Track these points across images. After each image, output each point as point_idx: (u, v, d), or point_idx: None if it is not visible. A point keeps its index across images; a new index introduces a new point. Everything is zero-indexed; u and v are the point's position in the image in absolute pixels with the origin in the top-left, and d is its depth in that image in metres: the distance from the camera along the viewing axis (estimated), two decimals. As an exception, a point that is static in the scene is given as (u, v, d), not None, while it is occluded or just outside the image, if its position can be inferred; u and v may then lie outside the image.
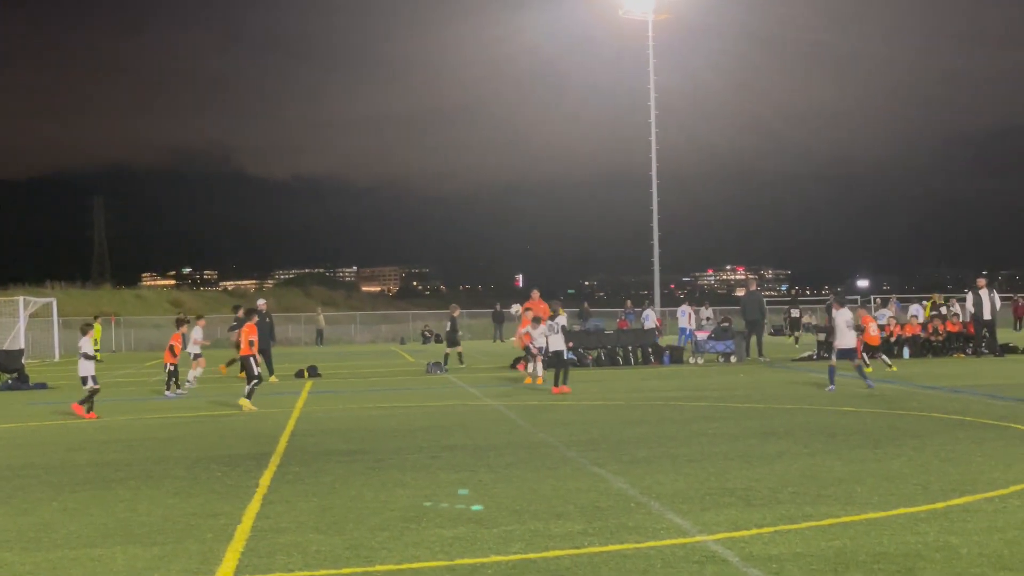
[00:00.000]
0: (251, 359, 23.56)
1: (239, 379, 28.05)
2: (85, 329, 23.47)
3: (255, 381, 23.37)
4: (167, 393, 27.38)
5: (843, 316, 24.49)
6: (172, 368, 27.77)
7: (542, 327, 27.83)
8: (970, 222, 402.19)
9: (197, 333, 30.28)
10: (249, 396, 23.07)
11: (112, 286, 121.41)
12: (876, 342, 31.03)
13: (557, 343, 26.35)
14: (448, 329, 39.18)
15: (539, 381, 27.78)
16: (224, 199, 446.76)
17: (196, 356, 29.86)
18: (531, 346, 28.25)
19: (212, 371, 33.55)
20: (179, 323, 29.96)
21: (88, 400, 22.21)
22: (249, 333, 23.81)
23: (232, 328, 25.32)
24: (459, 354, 37.61)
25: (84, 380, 22.55)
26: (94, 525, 10.55)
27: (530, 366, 29.10)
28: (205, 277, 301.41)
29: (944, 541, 8.82)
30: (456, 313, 40.76)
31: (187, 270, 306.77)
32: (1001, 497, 10.70)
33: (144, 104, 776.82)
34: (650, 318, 51.69)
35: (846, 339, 24.28)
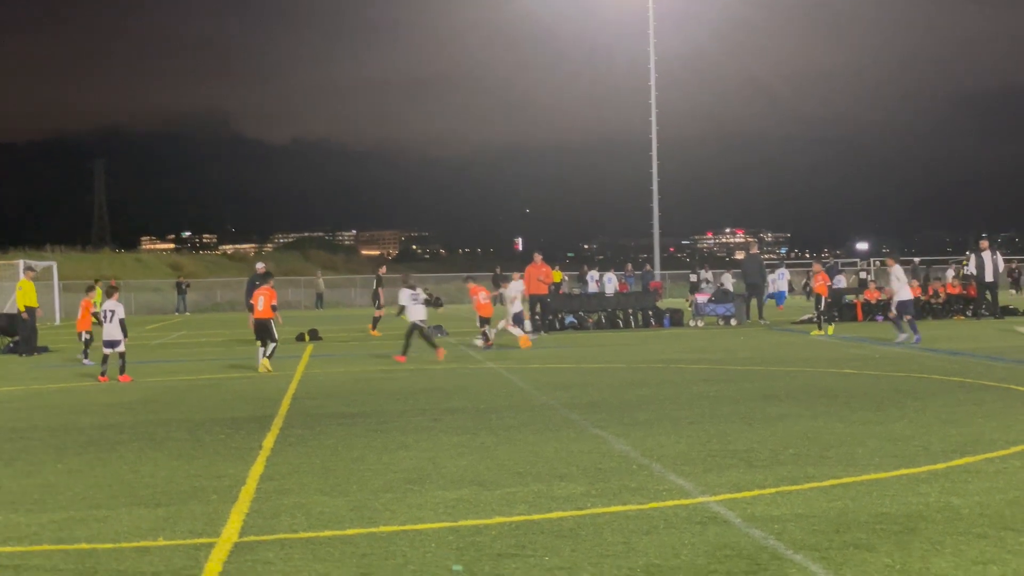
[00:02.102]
0: (270, 321, 23.56)
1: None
2: (111, 291, 23.08)
3: (274, 344, 23.45)
4: (86, 361, 26.93)
5: (896, 271, 26.17)
6: (88, 336, 27.21)
7: (512, 290, 28.09)
8: (971, 184, 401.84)
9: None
10: (270, 357, 23.17)
11: (112, 250, 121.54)
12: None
13: (418, 313, 25.95)
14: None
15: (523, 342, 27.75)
16: (223, 163, 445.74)
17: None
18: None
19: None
20: (88, 289, 29.43)
21: (122, 363, 22.39)
22: (269, 296, 23.81)
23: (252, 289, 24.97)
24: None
25: (115, 344, 22.34)
26: (98, 487, 10.58)
27: (491, 332, 28.91)
28: (204, 241, 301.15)
29: (945, 502, 8.86)
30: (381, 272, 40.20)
31: (186, 234, 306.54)
32: (1002, 458, 10.74)
33: (144, 68, 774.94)
34: (612, 282, 51.85)
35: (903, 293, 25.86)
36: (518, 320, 29.07)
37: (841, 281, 45.52)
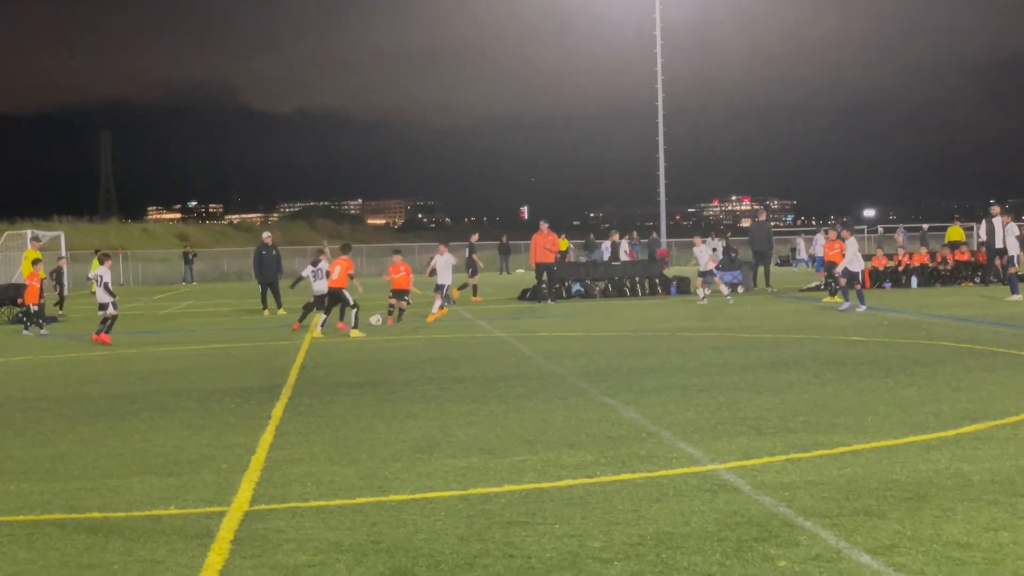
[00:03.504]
0: (343, 290, 24.53)
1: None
2: (103, 259, 24.27)
3: (356, 308, 24.31)
4: (25, 332, 27.09)
5: (850, 244, 26.63)
6: (37, 307, 27.34)
7: (442, 259, 28.00)
8: (977, 151, 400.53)
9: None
10: (356, 324, 24.07)
11: (119, 220, 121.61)
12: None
13: (320, 288, 25.74)
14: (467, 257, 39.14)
15: (430, 319, 26.91)
16: (229, 133, 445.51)
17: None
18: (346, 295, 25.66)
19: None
20: (35, 262, 29.08)
21: (107, 326, 23.46)
22: (346, 266, 24.91)
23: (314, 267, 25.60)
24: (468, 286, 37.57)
25: (104, 306, 23.66)
26: (110, 456, 10.61)
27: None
28: (211, 210, 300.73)
29: (956, 468, 8.86)
30: (474, 239, 40.41)
31: (193, 203, 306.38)
32: (1012, 424, 10.74)
33: (150, 39, 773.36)
34: (607, 251, 51.76)
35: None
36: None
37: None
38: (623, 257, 48.90)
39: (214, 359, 19.90)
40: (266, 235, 35.18)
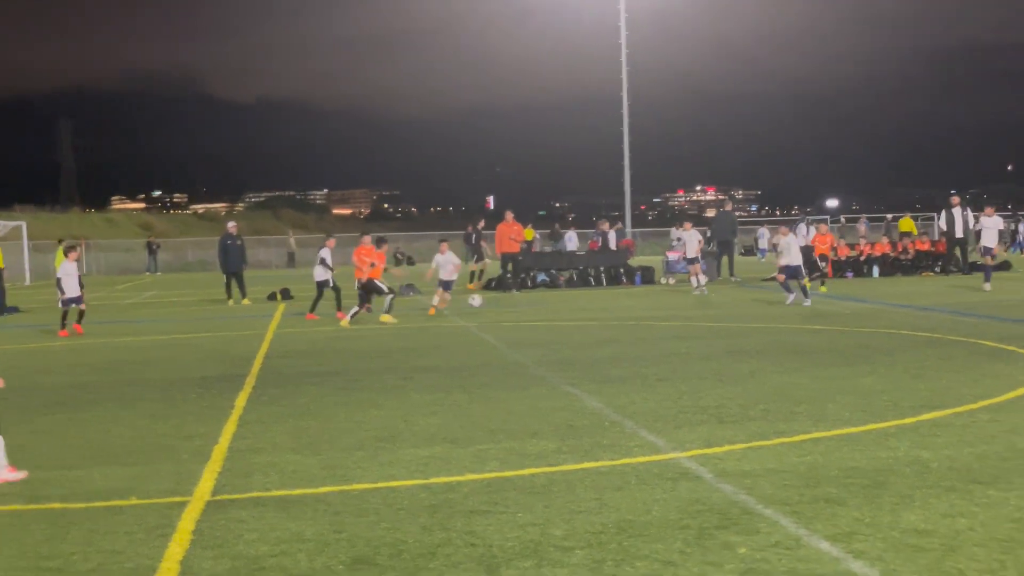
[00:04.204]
0: (374, 281, 24.57)
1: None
2: (68, 251, 24.44)
3: (391, 295, 24.44)
4: None
5: (789, 240, 26.25)
6: None
7: (443, 258, 27.20)
8: (939, 140, 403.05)
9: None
10: (389, 310, 24.16)
11: (81, 209, 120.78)
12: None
13: (321, 274, 26.53)
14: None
15: (431, 312, 26.52)
16: (192, 122, 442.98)
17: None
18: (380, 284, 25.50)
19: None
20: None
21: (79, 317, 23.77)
22: (379, 258, 25.02)
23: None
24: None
25: (78, 300, 23.96)
26: (69, 447, 10.56)
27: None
28: (175, 200, 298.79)
29: (914, 455, 8.93)
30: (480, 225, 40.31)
31: (157, 193, 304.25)
32: (970, 412, 10.83)
33: (109, 26, 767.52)
34: (572, 240, 51.80)
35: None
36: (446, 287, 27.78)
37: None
38: (612, 247, 48.94)
39: (177, 349, 19.82)
40: (231, 225, 35.03)
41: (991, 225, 30.13)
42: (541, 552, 6.67)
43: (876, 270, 38.08)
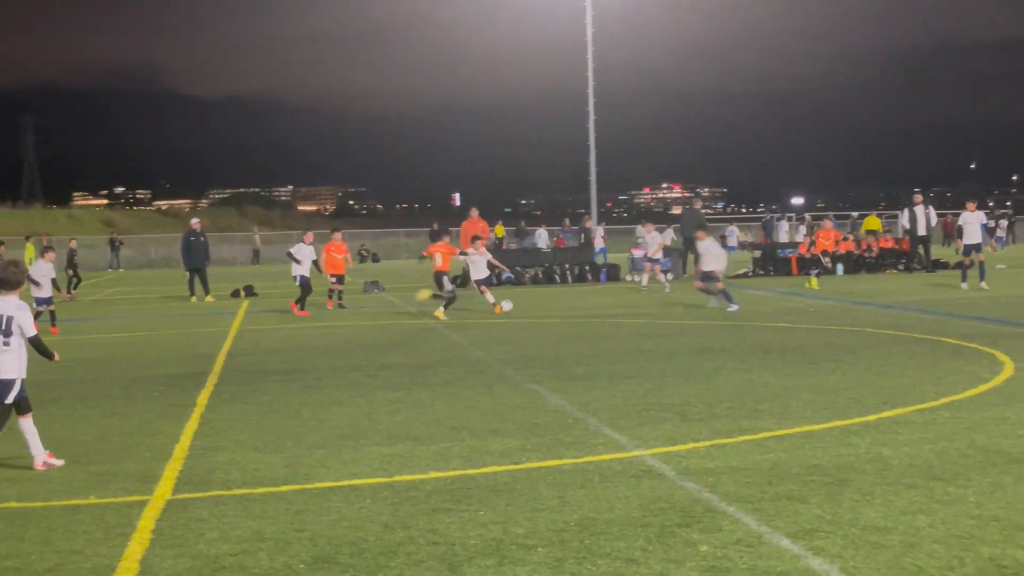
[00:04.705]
0: (444, 275, 24.62)
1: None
2: (45, 251, 24.14)
3: (448, 295, 24.35)
4: None
5: (708, 244, 25.03)
6: None
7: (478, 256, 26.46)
8: (903, 140, 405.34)
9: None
10: (446, 307, 24.05)
11: (43, 206, 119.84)
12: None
13: (301, 271, 26.20)
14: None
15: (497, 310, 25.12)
16: (156, 118, 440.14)
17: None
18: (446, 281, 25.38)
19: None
20: None
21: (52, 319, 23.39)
22: (448, 250, 25.39)
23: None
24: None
25: (49, 300, 23.61)
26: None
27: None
28: (138, 196, 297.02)
29: (876, 453, 8.97)
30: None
31: (120, 189, 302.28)
32: (931, 409, 10.89)
33: (74, 22, 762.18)
34: (542, 238, 51.89)
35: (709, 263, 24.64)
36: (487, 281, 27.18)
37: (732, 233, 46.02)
38: (601, 244, 49.15)
39: (139, 346, 19.69)
40: (194, 221, 34.85)
41: (974, 221, 29.42)
42: (503, 550, 6.66)
43: (841, 268, 38.25)
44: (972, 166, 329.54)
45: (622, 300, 28.19)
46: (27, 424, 9.45)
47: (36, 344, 9.62)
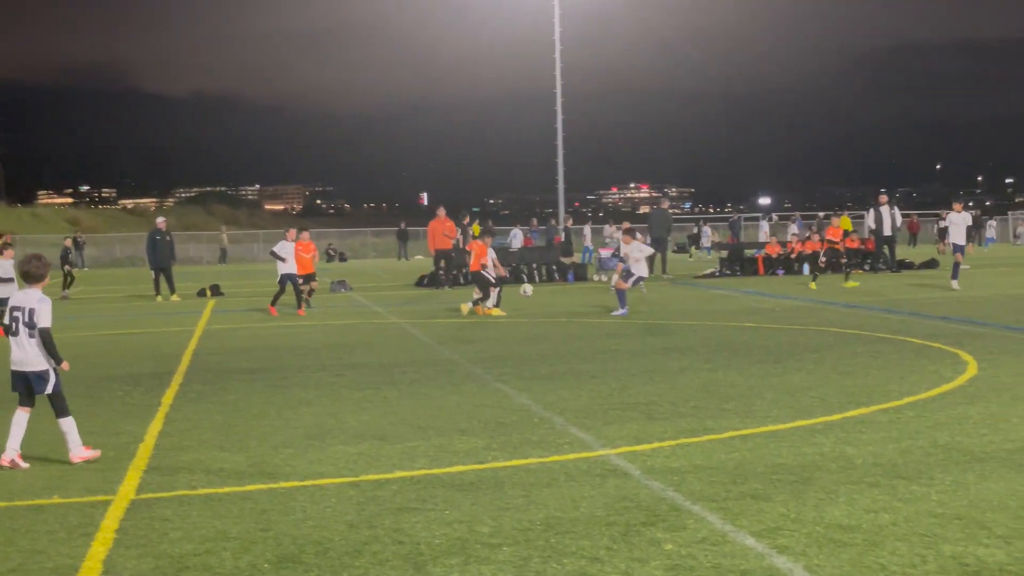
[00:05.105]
0: (482, 272, 24.45)
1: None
2: (3, 248, 23.36)
3: (497, 289, 24.36)
4: None
5: (636, 246, 24.44)
6: None
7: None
8: (869, 140, 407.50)
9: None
10: (498, 304, 24.18)
11: (7, 204, 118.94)
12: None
13: (285, 269, 25.70)
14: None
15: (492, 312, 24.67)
16: (121, 116, 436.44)
17: None
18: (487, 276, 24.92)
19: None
20: None
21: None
22: (480, 252, 24.83)
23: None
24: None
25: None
26: (-9, 446, 10.38)
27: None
28: (103, 195, 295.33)
29: (840, 451, 9.02)
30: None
31: (85, 188, 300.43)
32: (895, 408, 10.96)
33: (36, 19, 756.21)
34: (518, 237, 51.92)
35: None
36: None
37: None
38: (589, 244, 49.09)
39: (104, 345, 19.58)
40: (160, 220, 34.64)
41: (959, 221, 29.17)
42: (468, 549, 6.66)
43: (807, 267, 38.41)
44: (938, 167, 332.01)
45: (589, 300, 28.22)
46: (22, 418, 9.56)
47: (45, 338, 9.60)
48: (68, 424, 9.52)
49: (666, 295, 29.23)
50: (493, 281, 24.42)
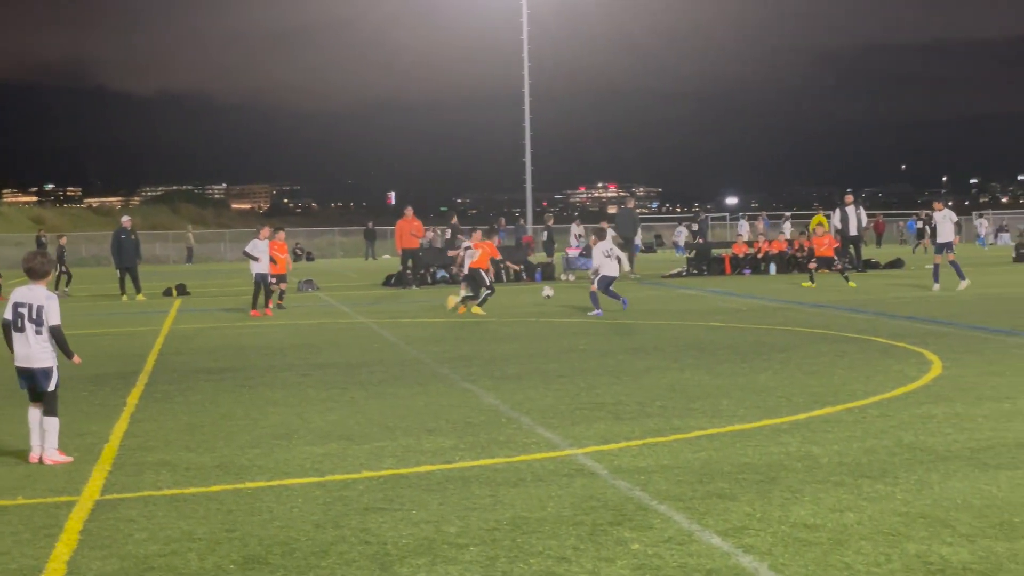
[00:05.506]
0: (481, 271, 24.39)
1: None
2: None
3: (488, 291, 24.33)
4: None
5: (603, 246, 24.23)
6: None
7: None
8: (835, 140, 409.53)
9: None
10: (482, 304, 24.10)
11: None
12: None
13: (259, 269, 25.34)
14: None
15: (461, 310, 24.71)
16: (87, 114, 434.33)
17: None
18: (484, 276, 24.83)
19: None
20: None
21: None
22: (490, 251, 24.95)
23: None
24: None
25: None
26: (-46, 446, 10.31)
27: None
28: (69, 194, 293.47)
29: (806, 451, 9.06)
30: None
31: (50, 186, 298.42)
32: (860, 408, 11.01)
33: (1, 16, 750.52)
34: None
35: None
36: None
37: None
38: (576, 245, 48.99)
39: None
40: (125, 219, 34.50)
41: (942, 220, 28.93)
42: (435, 549, 6.66)
43: (773, 267, 38.60)
44: (903, 167, 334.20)
45: (556, 299, 28.22)
46: (36, 415, 9.58)
47: (57, 335, 9.59)
48: (53, 424, 9.47)
49: (633, 295, 29.25)
50: (488, 284, 24.38)
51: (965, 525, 6.86)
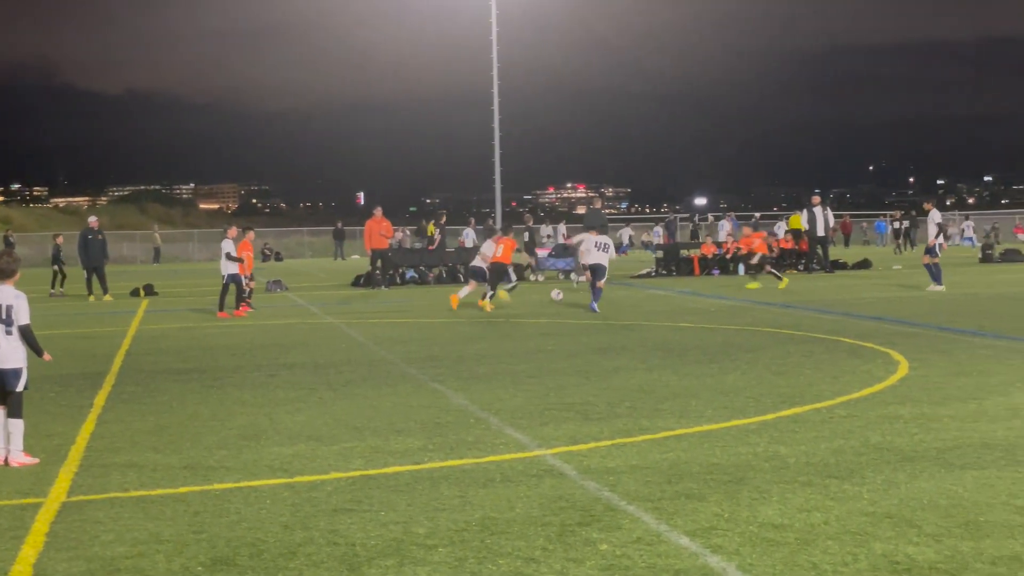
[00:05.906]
0: (506, 265, 25.44)
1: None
2: None
3: (513, 284, 25.87)
4: None
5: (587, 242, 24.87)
6: None
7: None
8: (803, 141, 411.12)
9: None
10: (493, 293, 24.95)
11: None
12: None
13: (232, 269, 25.08)
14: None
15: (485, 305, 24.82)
16: (54, 113, 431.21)
17: None
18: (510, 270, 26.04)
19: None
20: None
21: None
22: (510, 245, 25.61)
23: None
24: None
25: None
26: (-81, 448, 10.22)
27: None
28: (35, 193, 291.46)
29: (773, 451, 9.10)
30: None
31: (16, 186, 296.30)
32: (828, 408, 11.07)
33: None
34: (470, 236, 51.98)
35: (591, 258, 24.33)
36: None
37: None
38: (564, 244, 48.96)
39: (35, 346, 19.30)
40: (92, 219, 34.33)
41: (929, 221, 28.77)
42: (403, 550, 6.65)
43: (742, 268, 38.70)
44: (870, 167, 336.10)
45: (525, 299, 28.23)
46: (1, 416, 9.49)
47: (27, 335, 9.56)
48: (18, 426, 9.40)
49: (602, 295, 29.27)
50: (512, 278, 25.55)
51: (931, 525, 6.91)
